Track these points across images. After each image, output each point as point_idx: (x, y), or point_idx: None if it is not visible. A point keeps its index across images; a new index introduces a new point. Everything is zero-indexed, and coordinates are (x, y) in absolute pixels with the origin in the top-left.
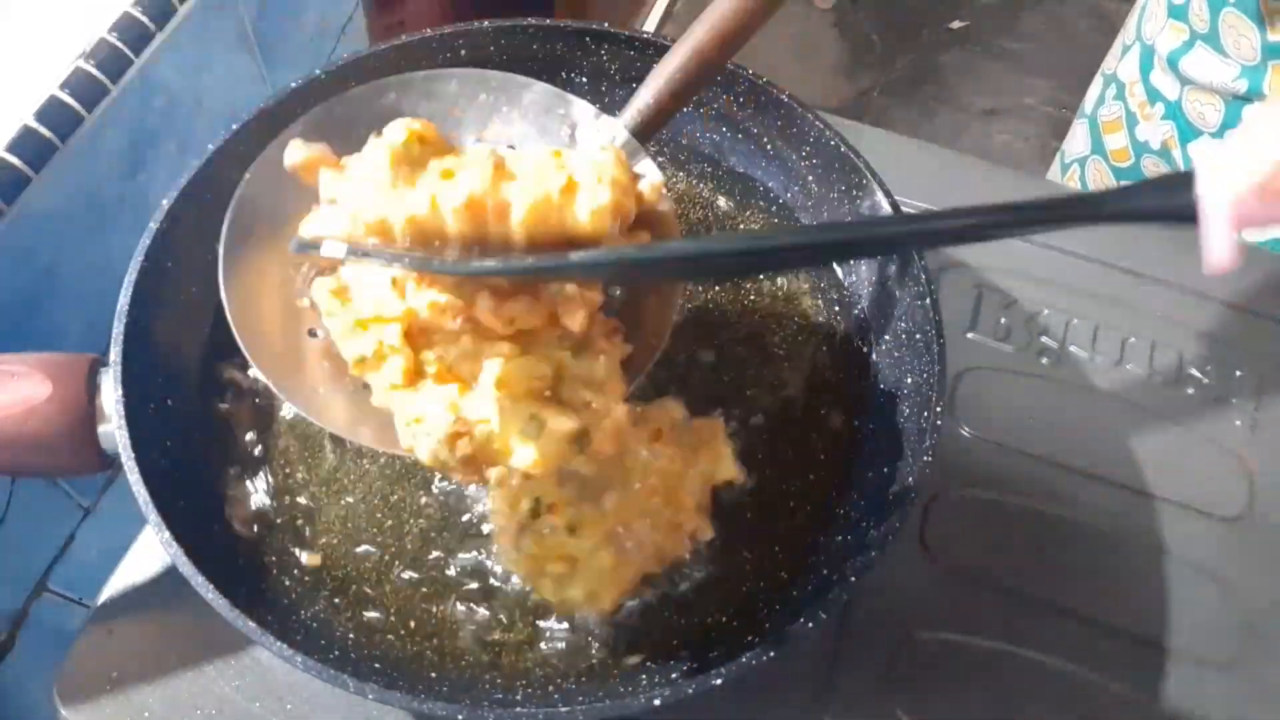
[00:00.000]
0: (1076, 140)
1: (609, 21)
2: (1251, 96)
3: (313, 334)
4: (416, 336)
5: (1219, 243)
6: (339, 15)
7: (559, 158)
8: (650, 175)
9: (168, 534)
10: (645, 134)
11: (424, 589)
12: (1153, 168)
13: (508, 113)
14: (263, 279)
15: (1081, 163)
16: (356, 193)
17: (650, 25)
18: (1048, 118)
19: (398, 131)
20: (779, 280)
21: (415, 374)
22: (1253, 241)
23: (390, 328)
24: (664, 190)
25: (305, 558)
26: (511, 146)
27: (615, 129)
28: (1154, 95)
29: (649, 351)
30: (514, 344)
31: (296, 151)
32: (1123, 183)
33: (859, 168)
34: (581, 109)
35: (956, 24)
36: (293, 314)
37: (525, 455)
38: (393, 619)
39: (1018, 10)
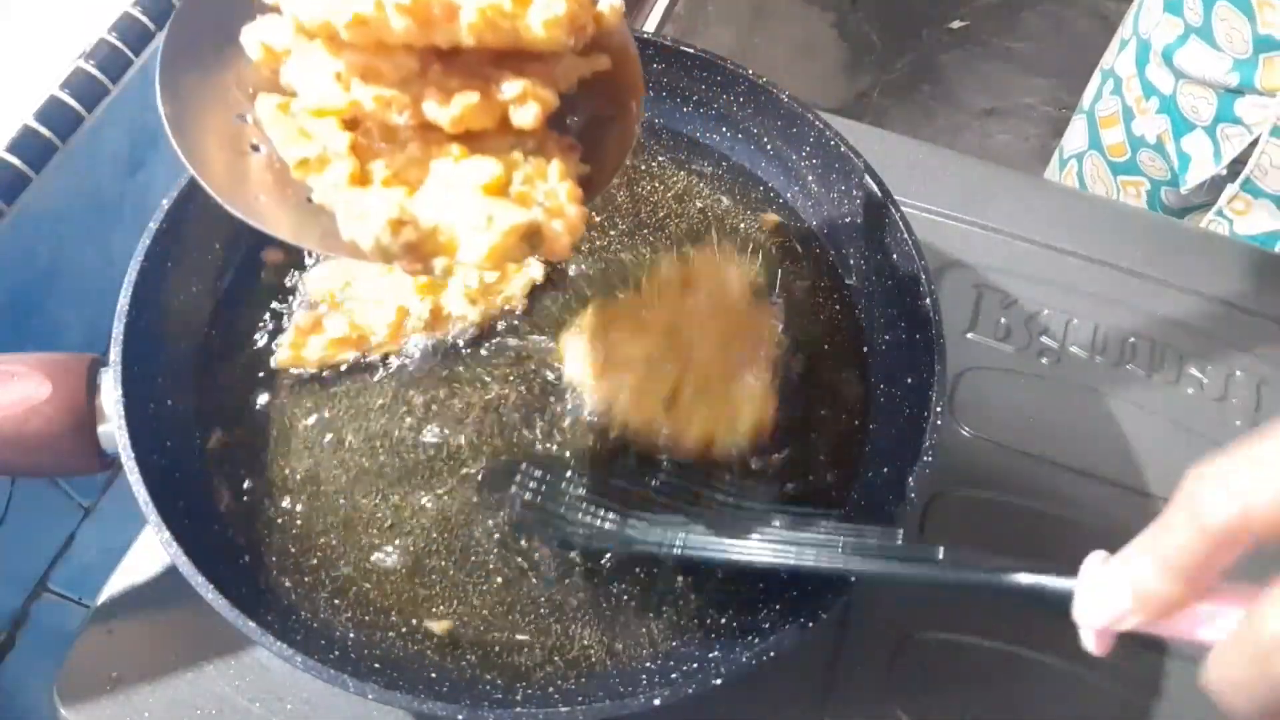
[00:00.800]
0: (1075, 136)
1: None
2: (1243, 89)
3: (255, 148)
4: (362, 149)
5: (1094, 644)
6: None
7: None
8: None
9: (168, 534)
10: None
11: (425, 589)
12: (1148, 162)
13: None
14: (204, 94)
15: (1079, 158)
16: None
17: (650, 25)
18: (1047, 117)
19: None
20: (777, 280)
21: (360, 179)
22: (1248, 233)
23: (338, 136)
24: (623, 14)
25: (307, 559)
26: None
27: None
28: (1149, 89)
29: (606, 175)
30: (463, 145)
31: None
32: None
33: (859, 168)
34: None
35: (956, 24)
36: (235, 131)
37: (473, 247)
38: (393, 619)
39: (1018, 10)
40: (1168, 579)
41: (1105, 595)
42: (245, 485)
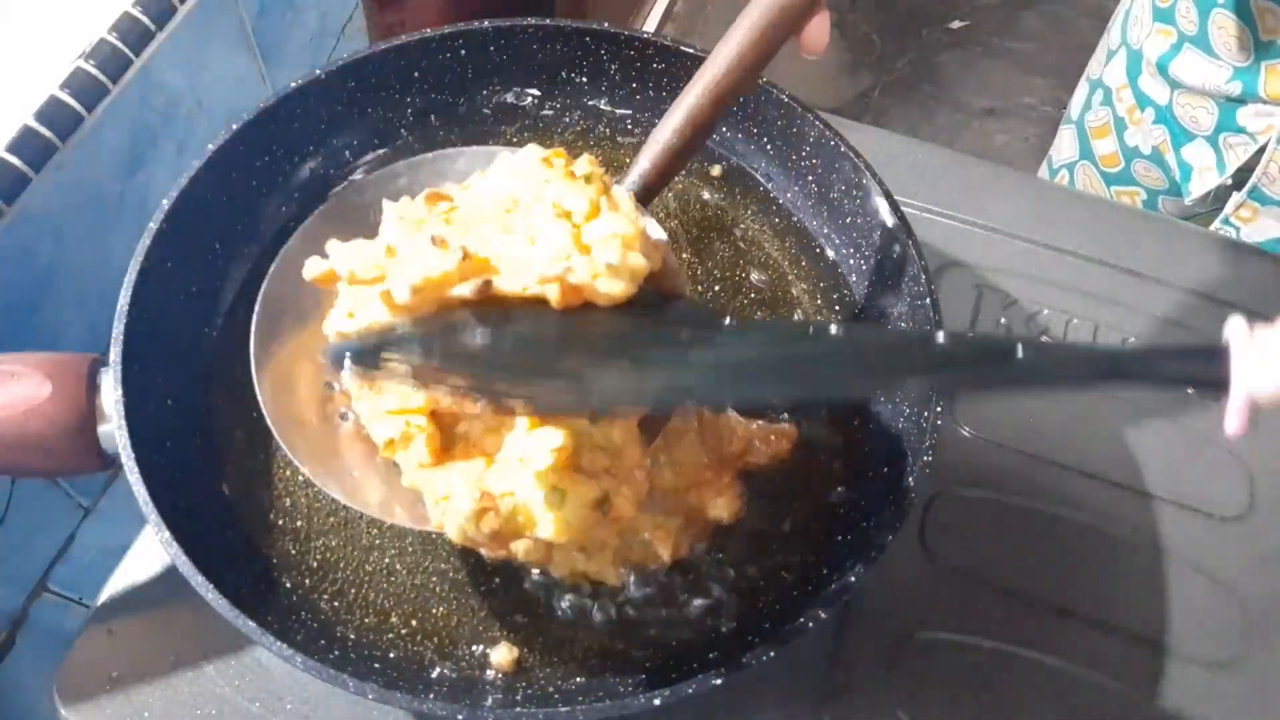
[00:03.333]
0: (1064, 146)
1: (609, 21)
2: (1246, 98)
3: (343, 417)
4: (443, 415)
5: (1240, 419)
6: (339, 15)
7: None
8: (653, 233)
9: (168, 534)
10: (647, 198)
11: (425, 589)
12: (1144, 172)
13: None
14: (292, 366)
15: (1070, 168)
16: (371, 307)
17: (650, 25)
18: (1047, 118)
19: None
20: (776, 280)
21: (442, 452)
22: (1254, 241)
23: (418, 415)
24: (669, 246)
25: (310, 559)
26: None
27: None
28: (1143, 100)
29: (667, 414)
30: (534, 419)
31: (313, 266)
32: (1157, 345)
33: (859, 168)
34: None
35: (956, 24)
36: (323, 400)
37: (549, 525)
38: (393, 619)
39: (1018, 10)
40: None
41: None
42: (245, 485)
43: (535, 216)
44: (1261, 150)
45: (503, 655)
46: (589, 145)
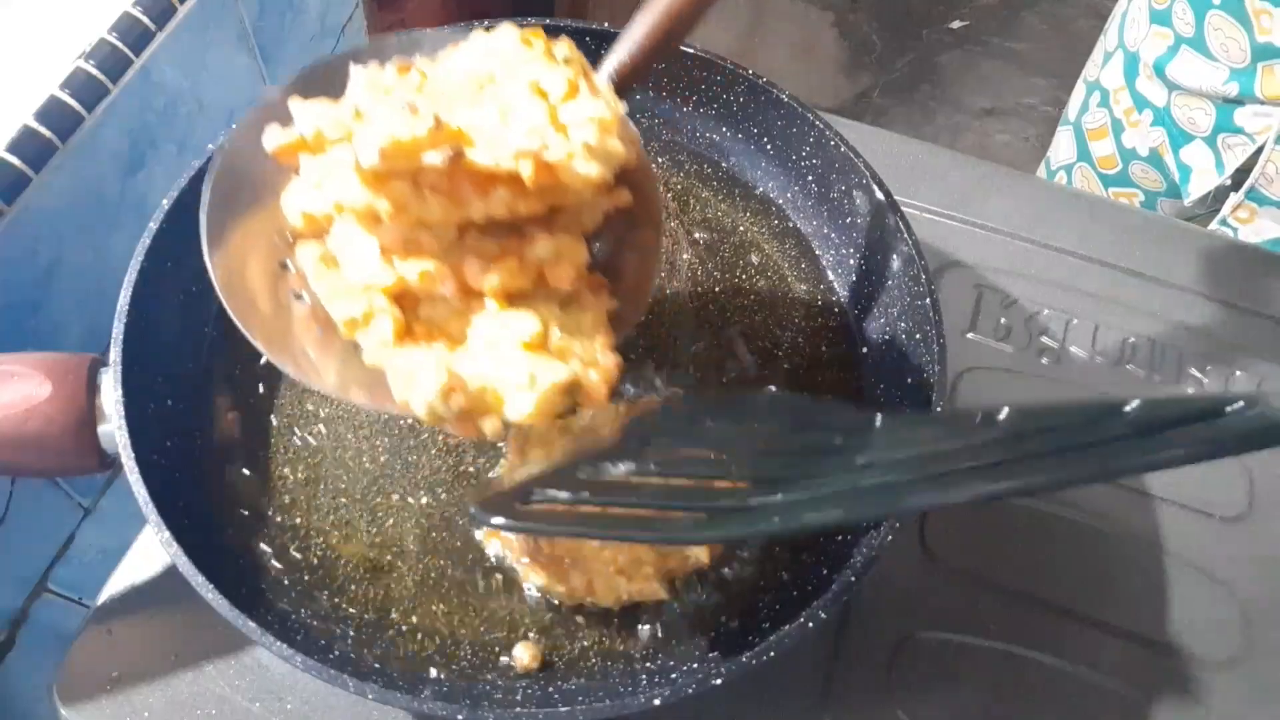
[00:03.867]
0: (1061, 148)
1: (609, 21)
2: (1243, 99)
3: (298, 296)
4: (406, 299)
5: None
6: (339, 15)
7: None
8: (630, 127)
9: (168, 534)
10: (623, 89)
11: (425, 588)
12: (1141, 174)
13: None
14: (246, 244)
15: (1068, 169)
16: (336, 177)
17: None
18: (1047, 118)
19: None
20: (776, 281)
21: (405, 333)
22: (1253, 241)
23: (381, 294)
24: (639, 142)
25: (308, 555)
26: None
27: (601, 79)
28: (1141, 102)
29: (635, 307)
30: (504, 301)
31: (276, 135)
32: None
33: (859, 168)
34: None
35: (956, 24)
36: (278, 278)
37: (518, 405)
38: (394, 618)
39: (1018, 10)
40: None
41: None
42: (246, 484)
43: (510, 94)
44: (1259, 151)
45: (519, 654)
46: None
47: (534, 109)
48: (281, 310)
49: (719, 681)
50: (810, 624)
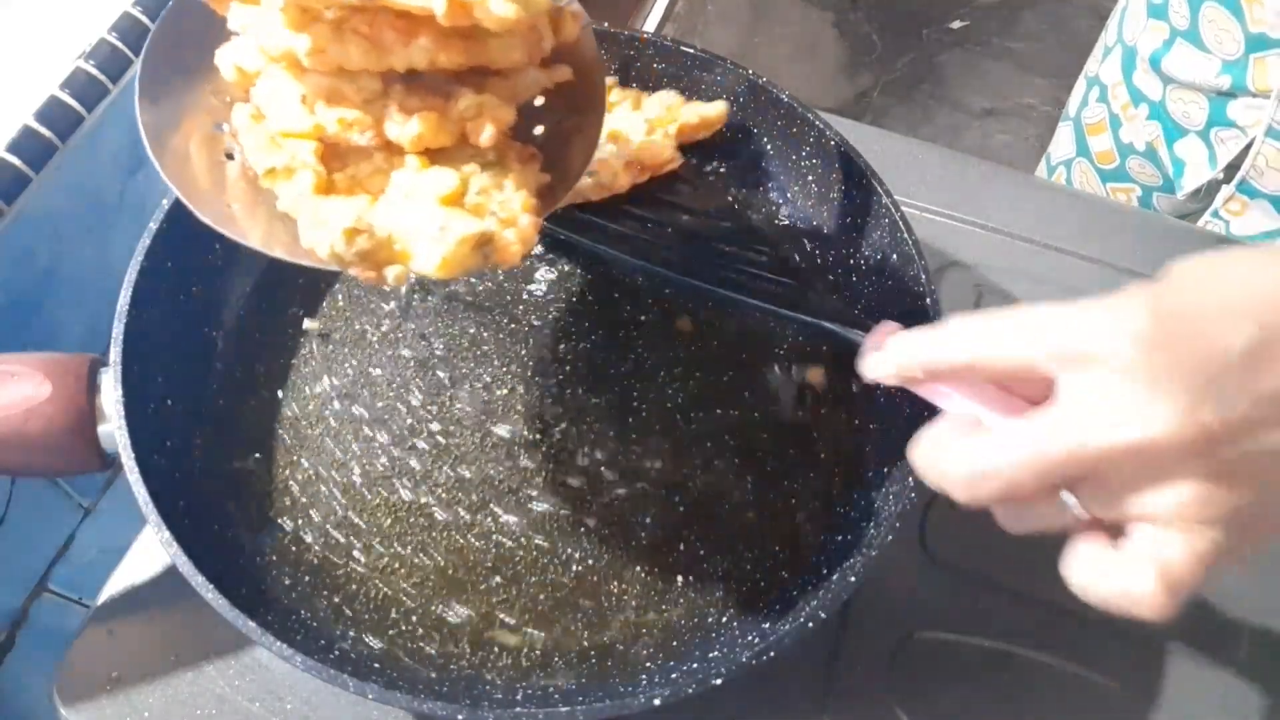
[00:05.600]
0: (1061, 143)
1: (609, 21)
2: (1236, 92)
3: (229, 156)
4: (329, 157)
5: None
6: None
7: None
8: (574, 7)
9: (168, 534)
10: None
11: (424, 588)
12: (1138, 169)
13: None
14: (183, 101)
15: (1067, 165)
16: (261, 23)
17: (650, 25)
18: (1047, 117)
19: None
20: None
21: (326, 188)
22: (1244, 235)
23: (305, 146)
24: (588, 23)
25: (307, 559)
26: None
27: None
28: (1137, 97)
29: (565, 183)
30: (424, 158)
31: None
32: None
33: (859, 168)
34: None
35: (956, 24)
36: (213, 138)
37: (427, 256)
38: (393, 617)
39: (1018, 10)
40: (919, 369)
41: (877, 360)
42: (246, 484)
43: None
44: (1250, 144)
45: (507, 638)
46: None
47: None
48: (215, 168)
49: (719, 681)
50: (810, 624)
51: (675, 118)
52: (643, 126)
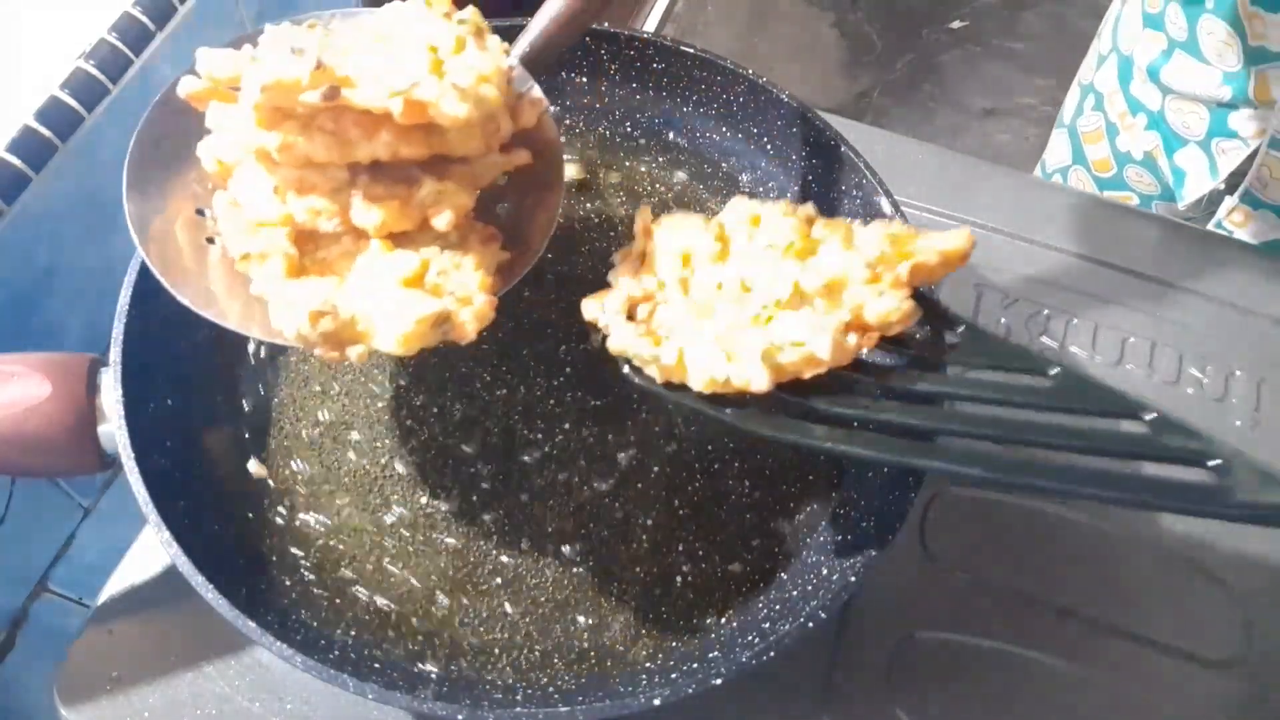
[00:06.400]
0: (1056, 151)
1: (609, 21)
2: (1236, 103)
3: (210, 241)
4: (302, 239)
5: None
6: None
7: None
8: (535, 94)
9: (168, 534)
10: (536, 67)
11: (425, 588)
12: (1136, 177)
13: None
14: (166, 189)
15: (1063, 173)
16: (236, 121)
17: (650, 25)
18: (1047, 118)
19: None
20: None
21: (298, 269)
22: (1253, 242)
23: (278, 233)
24: (547, 108)
25: (305, 554)
26: None
27: (494, 42)
28: (1135, 106)
29: (525, 260)
30: (387, 242)
31: (189, 83)
32: None
33: (859, 168)
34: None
35: (956, 24)
36: (194, 223)
37: (387, 334)
38: (393, 618)
39: (1018, 10)
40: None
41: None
42: (245, 484)
43: (402, 47)
44: (1254, 155)
45: (507, 638)
46: (589, 145)
47: (418, 57)
48: (197, 251)
49: (719, 681)
50: (810, 624)
51: (908, 254)
52: (863, 273)
